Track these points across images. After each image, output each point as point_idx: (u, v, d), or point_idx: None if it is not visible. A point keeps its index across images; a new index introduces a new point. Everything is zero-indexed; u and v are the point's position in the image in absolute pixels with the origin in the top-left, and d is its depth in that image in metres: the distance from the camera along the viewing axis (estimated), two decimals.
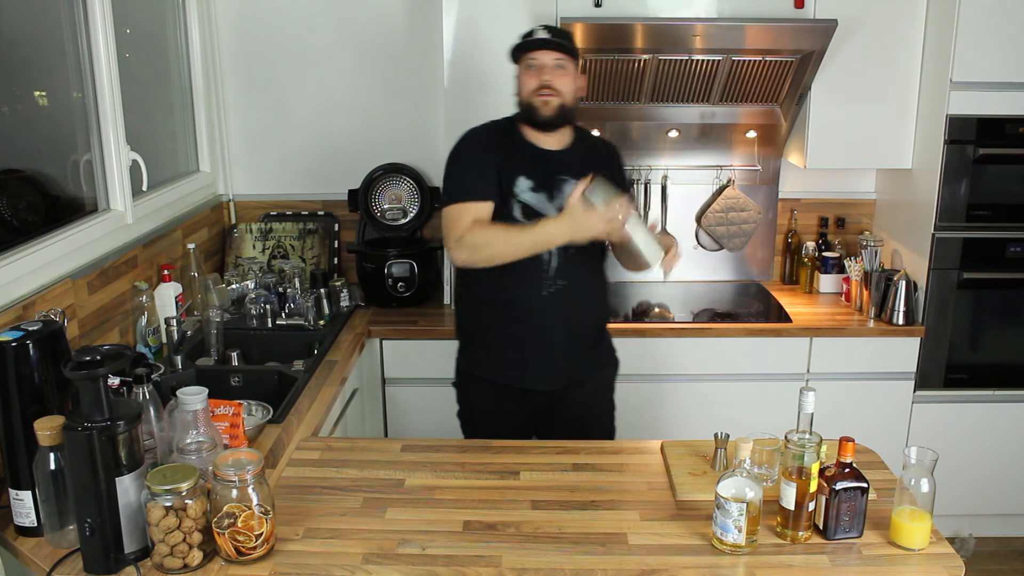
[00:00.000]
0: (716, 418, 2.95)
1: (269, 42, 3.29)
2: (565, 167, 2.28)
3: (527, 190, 2.25)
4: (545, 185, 2.26)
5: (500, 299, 2.31)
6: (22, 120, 2.36)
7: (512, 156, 2.28)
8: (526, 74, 2.25)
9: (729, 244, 3.46)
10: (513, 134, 2.32)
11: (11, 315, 1.92)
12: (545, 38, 2.22)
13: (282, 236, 3.39)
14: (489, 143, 2.31)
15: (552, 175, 2.27)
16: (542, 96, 2.21)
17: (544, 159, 2.29)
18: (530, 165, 2.27)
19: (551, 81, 2.21)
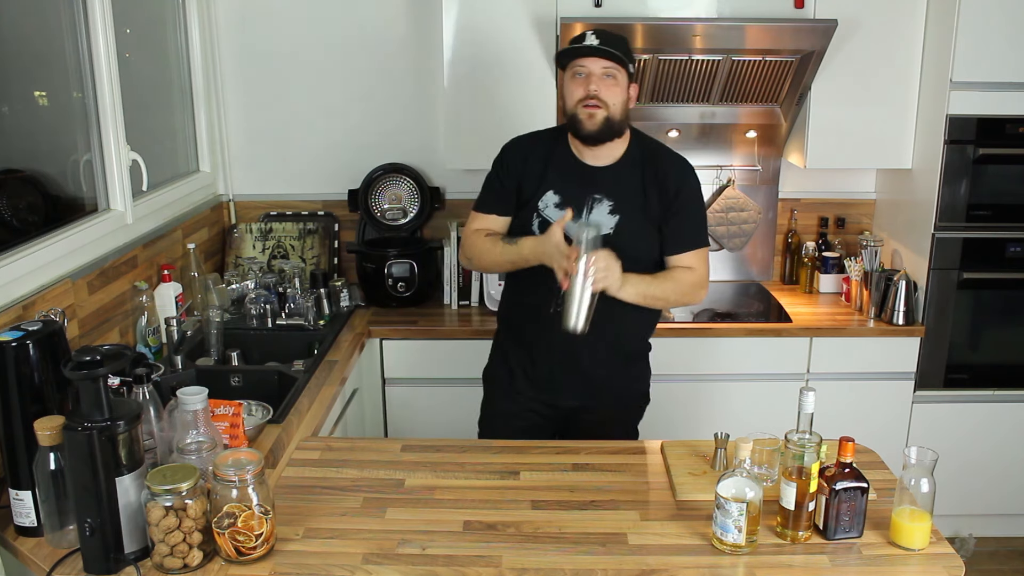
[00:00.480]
0: (716, 418, 2.96)
1: (269, 42, 3.29)
2: (602, 185, 2.16)
3: (551, 206, 2.18)
4: (572, 202, 2.15)
5: (518, 309, 2.30)
6: (22, 120, 2.36)
7: (549, 168, 2.19)
8: (572, 82, 2.11)
9: (729, 244, 3.46)
10: (558, 144, 2.22)
11: (11, 315, 1.92)
12: (594, 45, 2.06)
13: (282, 236, 3.39)
14: (524, 155, 2.22)
15: (585, 193, 2.16)
16: (588, 108, 2.08)
17: (582, 175, 2.18)
18: (564, 180, 2.18)
19: (598, 92, 2.07)
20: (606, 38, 2.08)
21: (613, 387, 2.32)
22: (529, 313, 2.24)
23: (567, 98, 2.13)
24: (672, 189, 2.17)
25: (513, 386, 2.34)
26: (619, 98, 2.09)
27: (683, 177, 2.20)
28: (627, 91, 2.12)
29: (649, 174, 2.17)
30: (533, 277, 2.15)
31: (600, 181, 2.16)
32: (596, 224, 2.05)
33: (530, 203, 2.19)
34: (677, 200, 2.16)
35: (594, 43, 2.05)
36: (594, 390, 2.29)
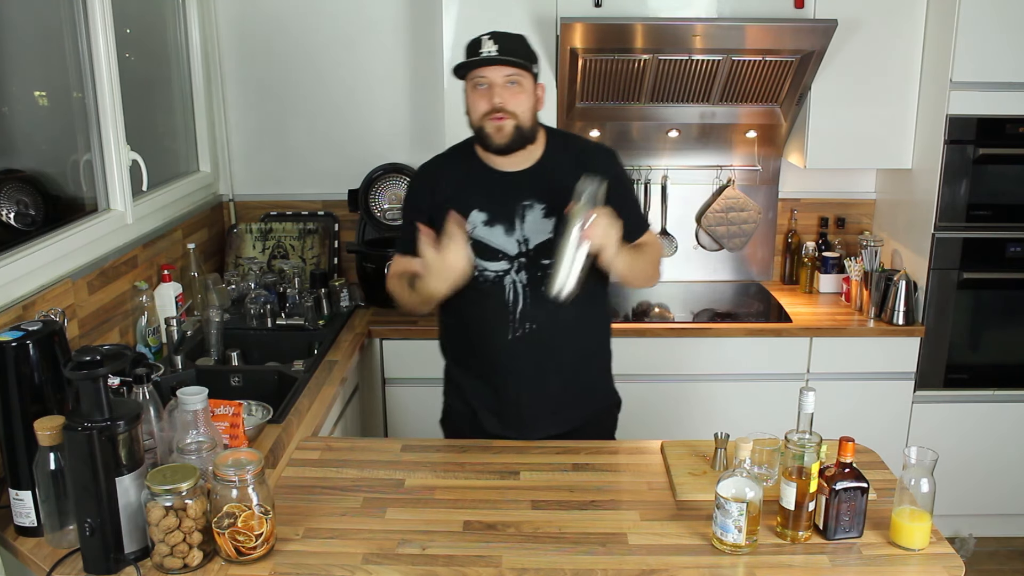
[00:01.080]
0: (716, 418, 2.96)
1: (269, 42, 3.29)
2: (529, 190, 2.02)
3: (480, 225, 2.02)
4: (502, 216, 2.01)
5: (468, 337, 2.12)
6: (22, 120, 2.36)
7: (466, 187, 2.04)
8: (474, 95, 1.96)
9: (729, 244, 3.46)
10: (469, 159, 2.07)
11: (11, 315, 1.92)
12: (492, 54, 1.90)
13: (282, 236, 3.39)
14: (432, 183, 2.08)
15: (512, 203, 2.01)
16: (495, 121, 1.94)
17: (502, 185, 2.03)
18: (486, 195, 2.03)
19: (503, 103, 1.92)
20: (504, 42, 1.93)
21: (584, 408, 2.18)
22: (480, 337, 2.07)
23: (471, 112, 1.98)
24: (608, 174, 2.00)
25: (480, 427, 2.15)
26: (526, 105, 1.95)
27: (612, 165, 2.08)
28: (534, 94, 1.97)
29: (574, 168, 2.00)
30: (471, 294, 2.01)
31: (525, 186, 2.02)
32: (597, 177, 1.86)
33: None
34: (614, 191, 1.99)
35: (492, 51, 1.91)
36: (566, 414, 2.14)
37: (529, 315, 2.03)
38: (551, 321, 2.03)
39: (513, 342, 2.04)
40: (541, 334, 2.04)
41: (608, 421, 2.27)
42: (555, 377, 2.09)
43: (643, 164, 3.40)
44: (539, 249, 2.02)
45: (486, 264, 2.03)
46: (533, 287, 2.02)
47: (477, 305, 2.05)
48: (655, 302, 3.29)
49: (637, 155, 3.40)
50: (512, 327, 2.03)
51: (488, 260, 2.02)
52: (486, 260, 2.02)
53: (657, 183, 3.42)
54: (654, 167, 3.41)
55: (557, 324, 2.04)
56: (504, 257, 2.02)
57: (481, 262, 2.02)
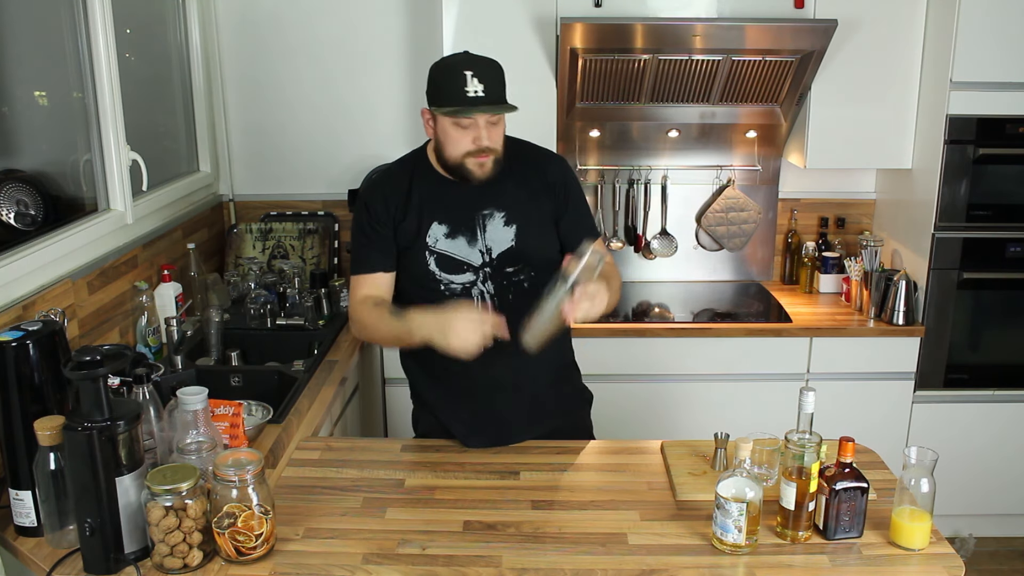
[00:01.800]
0: (716, 418, 2.95)
1: (269, 42, 3.29)
2: (487, 199, 1.98)
3: (442, 237, 1.97)
4: (463, 227, 1.98)
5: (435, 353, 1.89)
6: (22, 120, 2.36)
7: (424, 199, 1.98)
8: (454, 131, 1.89)
9: (729, 244, 3.46)
10: (421, 171, 2.02)
11: (11, 315, 1.92)
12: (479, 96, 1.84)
13: (282, 236, 3.39)
14: (386, 196, 2.00)
15: (472, 212, 1.98)
16: (478, 159, 1.90)
17: (459, 196, 1.98)
18: (444, 206, 1.98)
19: (488, 142, 1.88)
20: (488, 80, 1.86)
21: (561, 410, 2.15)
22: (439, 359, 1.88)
23: (448, 146, 1.91)
24: (559, 185, 2.04)
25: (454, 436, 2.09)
26: (502, 136, 1.94)
27: (565, 170, 2.08)
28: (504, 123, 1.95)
29: (530, 174, 2.02)
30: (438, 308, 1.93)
31: (483, 194, 1.98)
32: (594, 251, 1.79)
33: (417, 242, 1.98)
34: (566, 194, 2.04)
35: (478, 91, 1.84)
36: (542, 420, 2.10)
37: None
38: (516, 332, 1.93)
39: (485, 353, 1.87)
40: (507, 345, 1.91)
41: (583, 420, 2.24)
42: (529, 384, 2.07)
43: (643, 164, 3.40)
44: (502, 258, 1.99)
45: (451, 277, 1.99)
46: (501, 296, 1.99)
47: None
48: (655, 302, 3.29)
49: (637, 155, 3.40)
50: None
51: (453, 273, 1.99)
52: (451, 273, 1.99)
53: (657, 183, 3.42)
54: (654, 167, 3.41)
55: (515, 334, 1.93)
56: (469, 268, 1.99)
57: (446, 276, 1.99)
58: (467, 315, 1.78)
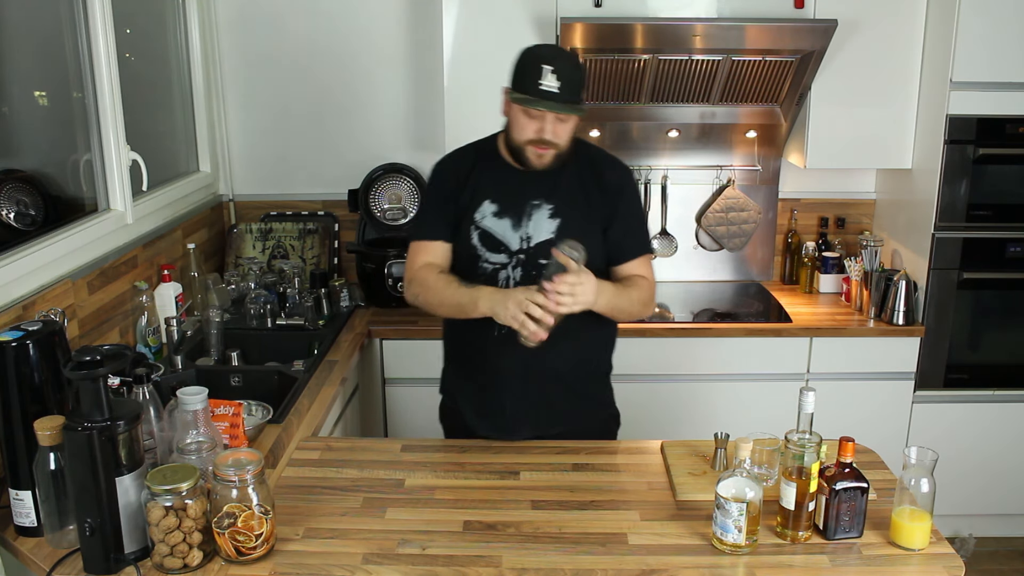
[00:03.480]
0: (716, 418, 2.96)
1: (269, 42, 3.29)
2: (540, 190, 2.03)
3: (489, 215, 2.04)
4: (512, 210, 2.04)
5: (461, 332, 2.13)
6: (22, 120, 2.36)
7: (483, 177, 2.07)
8: (523, 117, 1.95)
9: (729, 244, 3.46)
10: (490, 153, 2.09)
11: (11, 315, 1.92)
12: (554, 92, 1.88)
13: (282, 236, 3.39)
14: (458, 169, 2.09)
15: (523, 199, 2.04)
16: (538, 149, 1.96)
17: (516, 181, 2.04)
18: (499, 188, 2.05)
19: (552, 137, 1.94)
20: (566, 79, 1.89)
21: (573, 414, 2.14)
22: (470, 333, 2.07)
23: (514, 129, 1.97)
24: (614, 191, 2.06)
25: (464, 425, 2.16)
26: (569, 133, 1.97)
27: (624, 179, 2.10)
28: (575, 124, 1.98)
29: (587, 175, 2.06)
30: None
31: (538, 185, 2.03)
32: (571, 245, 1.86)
33: (466, 216, 2.05)
34: (620, 203, 2.06)
35: (553, 87, 1.88)
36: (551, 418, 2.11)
37: None
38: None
39: (498, 339, 2.02)
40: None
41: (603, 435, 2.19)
42: (538, 380, 2.07)
43: (643, 164, 3.40)
44: (539, 248, 2.02)
45: (488, 254, 2.05)
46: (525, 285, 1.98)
47: None
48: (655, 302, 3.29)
49: (637, 155, 3.40)
50: (497, 325, 1.96)
51: (491, 251, 2.05)
52: (489, 250, 2.05)
53: (657, 183, 3.42)
54: (654, 167, 3.41)
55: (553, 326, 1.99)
56: (505, 250, 2.03)
57: (484, 251, 2.05)
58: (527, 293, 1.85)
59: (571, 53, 1.97)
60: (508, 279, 2.03)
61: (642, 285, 2.08)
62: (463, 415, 2.17)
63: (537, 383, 2.08)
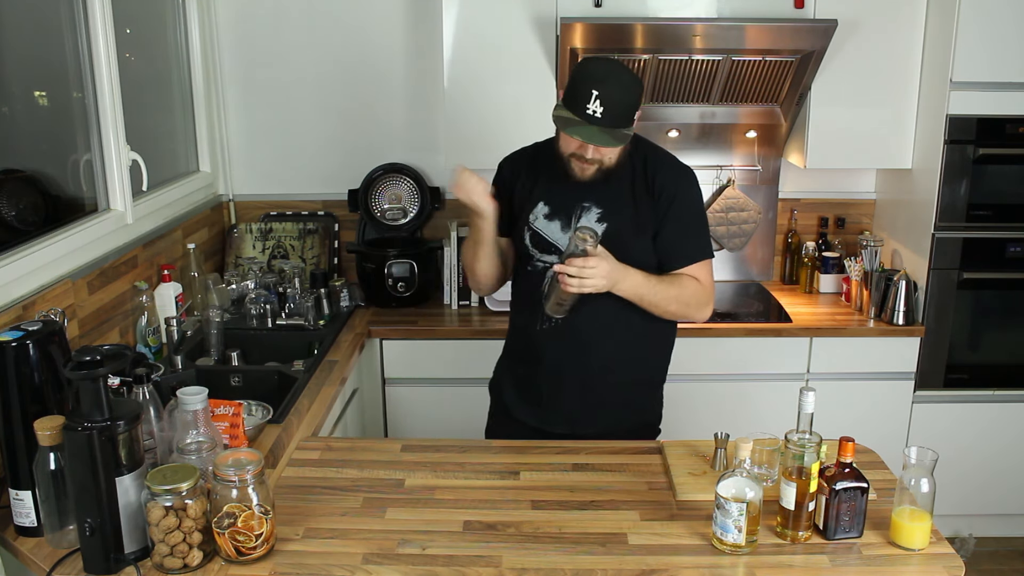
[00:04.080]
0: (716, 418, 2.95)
1: (269, 42, 3.29)
2: (592, 193, 2.03)
3: (541, 217, 2.09)
4: (562, 213, 2.06)
5: (513, 320, 2.26)
6: (22, 120, 2.36)
7: (539, 179, 2.11)
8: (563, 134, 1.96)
9: (729, 244, 3.46)
10: (548, 154, 2.08)
11: (11, 315, 1.92)
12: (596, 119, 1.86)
13: (282, 236, 3.39)
14: (516, 170, 2.15)
15: (574, 201, 2.05)
16: (579, 163, 1.97)
17: (569, 183, 2.04)
18: (553, 190, 2.08)
19: (593, 155, 1.94)
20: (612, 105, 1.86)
21: (610, 416, 2.15)
22: (518, 324, 2.21)
23: (560, 140, 1.99)
24: (665, 196, 2.03)
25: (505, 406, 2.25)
26: (616, 151, 1.97)
27: (678, 183, 2.06)
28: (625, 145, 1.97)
29: (640, 180, 2.05)
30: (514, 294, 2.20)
31: (590, 188, 2.03)
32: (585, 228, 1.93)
33: (522, 216, 2.11)
34: (672, 208, 2.03)
35: (596, 111, 1.85)
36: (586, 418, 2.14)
37: None
38: (578, 320, 2.04)
39: (540, 333, 2.11)
40: (564, 331, 2.07)
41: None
42: (575, 376, 2.11)
43: None
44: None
45: (540, 255, 2.09)
46: None
47: (523, 291, 2.16)
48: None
49: None
50: (540, 319, 2.09)
51: (543, 252, 2.09)
52: (540, 251, 2.09)
53: None
54: None
55: (585, 324, 2.06)
56: (556, 251, 2.07)
57: (536, 252, 2.09)
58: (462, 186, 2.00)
59: (627, 72, 1.93)
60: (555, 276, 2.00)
61: (688, 284, 2.05)
62: (503, 394, 2.26)
63: (574, 379, 2.12)
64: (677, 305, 2.04)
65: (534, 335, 2.12)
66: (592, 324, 2.06)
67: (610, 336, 2.08)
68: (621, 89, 1.90)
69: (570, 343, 2.09)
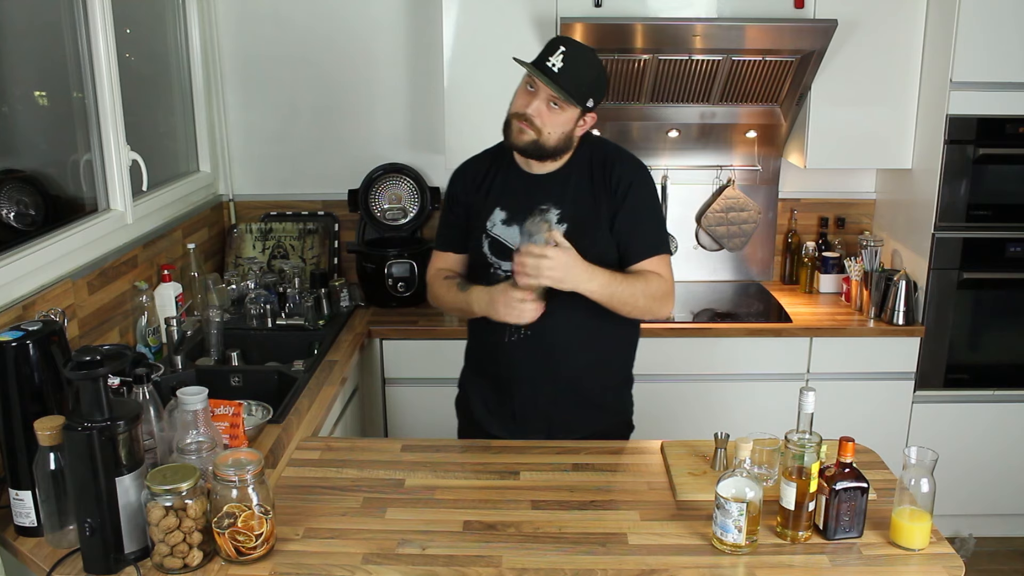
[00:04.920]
0: (716, 418, 2.96)
1: (269, 42, 3.29)
2: (548, 194, 2.01)
3: (499, 223, 2.04)
4: (520, 216, 2.00)
5: (478, 334, 2.18)
6: (22, 120, 2.36)
7: (495, 185, 2.08)
8: (521, 90, 1.97)
9: (729, 244, 3.46)
10: (503, 158, 2.08)
11: (11, 315, 1.92)
12: (550, 69, 1.88)
13: (282, 236, 3.39)
14: (469, 180, 2.10)
15: (531, 204, 2.00)
16: (519, 124, 1.93)
17: (526, 185, 2.04)
18: (509, 194, 2.05)
19: (534, 116, 1.91)
20: (571, 63, 1.88)
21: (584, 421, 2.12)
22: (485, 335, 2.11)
23: (512, 102, 1.98)
24: (622, 190, 2.00)
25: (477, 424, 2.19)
26: (558, 128, 1.93)
27: (634, 177, 2.03)
28: (575, 122, 1.95)
29: (598, 177, 2.02)
30: None
31: (546, 189, 2.01)
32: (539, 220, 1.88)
33: (479, 224, 2.06)
34: (628, 197, 2.00)
35: (555, 65, 1.87)
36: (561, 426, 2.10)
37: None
38: (548, 329, 2.00)
39: (509, 345, 2.06)
40: (536, 341, 2.03)
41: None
42: (549, 387, 2.08)
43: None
44: None
45: (501, 262, 2.05)
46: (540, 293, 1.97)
47: None
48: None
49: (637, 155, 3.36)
50: (509, 330, 2.03)
51: (503, 259, 2.04)
52: (501, 259, 2.05)
53: (657, 183, 3.41)
54: (654, 167, 3.40)
55: (555, 333, 2.02)
56: None
57: (497, 260, 2.05)
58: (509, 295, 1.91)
59: (595, 55, 1.95)
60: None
61: (652, 278, 2.02)
62: (474, 411, 2.20)
63: (547, 389, 2.08)
64: (645, 300, 1.99)
65: (503, 347, 2.06)
66: (562, 333, 2.03)
67: (580, 343, 2.05)
68: (586, 61, 1.92)
69: (541, 354, 2.05)
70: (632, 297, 1.97)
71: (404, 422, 3.08)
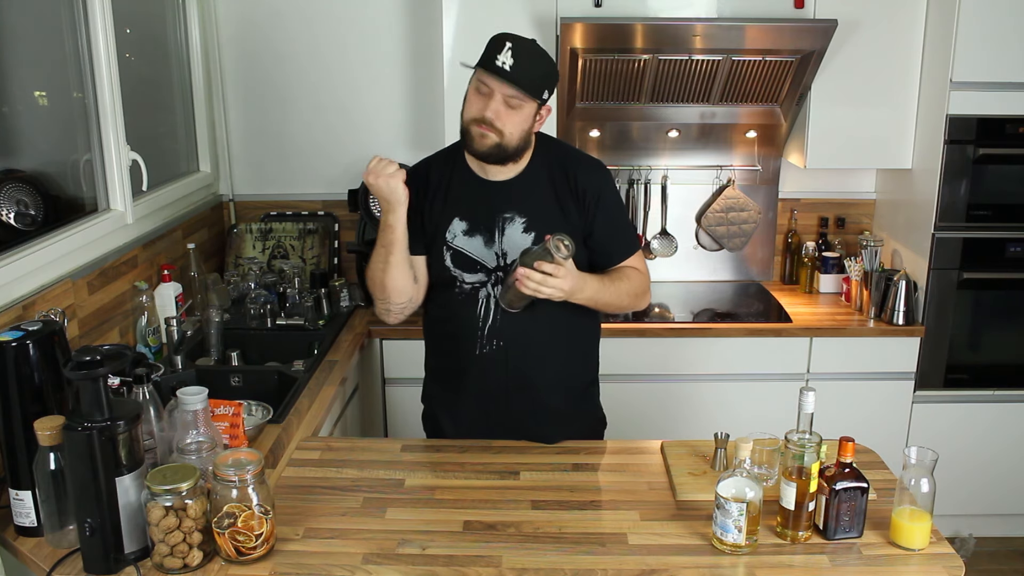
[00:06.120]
0: (716, 418, 2.96)
1: (269, 42, 3.29)
2: (511, 202, 1.96)
3: (460, 234, 1.98)
4: (482, 227, 1.96)
5: (443, 346, 2.11)
6: (22, 120, 2.36)
7: (451, 193, 2.00)
8: (473, 95, 1.90)
9: (729, 244, 3.46)
10: (456, 163, 2.01)
11: (11, 315, 1.92)
12: (503, 69, 1.82)
13: (282, 236, 3.39)
14: (419, 186, 2.00)
15: (493, 213, 1.96)
16: (480, 128, 1.87)
17: (486, 193, 1.97)
18: (468, 203, 1.98)
19: (494, 119, 1.85)
20: (521, 59, 1.83)
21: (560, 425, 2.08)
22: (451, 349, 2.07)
23: (465, 109, 1.92)
24: (590, 195, 1.97)
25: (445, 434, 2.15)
26: (518, 127, 1.88)
27: (601, 186, 2.00)
28: (533, 118, 1.90)
29: (561, 182, 1.98)
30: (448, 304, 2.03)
31: (508, 197, 1.96)
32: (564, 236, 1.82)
33: (438, 235, 1.99)
34: (599, 206, 1.98)
35: (507, 63, 1.82)
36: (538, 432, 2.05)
37: (497, 332, 2.00)
38: (521, 340, 1.99)
39: (480, 358, 2.02)
40: (509, 352, 2.00)
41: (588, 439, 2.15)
42: (522, 398, 2.05)
43: (643, 164, 3.40)
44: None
45: (464, 275, 2.00)
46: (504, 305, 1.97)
47: (451, 316, 2.04)
48: (655, 302, 3.29)
49: (637, 155, 3.40)
50: (480, 342, 2.00)
51: (466, 271, 1.99)
52: (464, 271, 1.99)
53: (657, 183, 3.42)
54: (654, 167, 3.41)
55: (529, 344, 2.00)
56: (482, 269, 1.99)
57: (460, 272, 2.00)
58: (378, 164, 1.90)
59: (541, 48, 1.90)
60: (488, 297, 2.00)
61: (632, 276, 2.03)
62: (444, 429, 2.16)
63: (518, 401, 2.06)
64: (630, 298, 2.02)
65: (472, 362, 2.02)
66: (528, 345, 2.00)
67: (548, 354, 2.03)
68: (535, 54, 1.87)
69: (513, 363, 2.01)
70: (618, 298, 2.00)
71: (404, 422, 3.08)
